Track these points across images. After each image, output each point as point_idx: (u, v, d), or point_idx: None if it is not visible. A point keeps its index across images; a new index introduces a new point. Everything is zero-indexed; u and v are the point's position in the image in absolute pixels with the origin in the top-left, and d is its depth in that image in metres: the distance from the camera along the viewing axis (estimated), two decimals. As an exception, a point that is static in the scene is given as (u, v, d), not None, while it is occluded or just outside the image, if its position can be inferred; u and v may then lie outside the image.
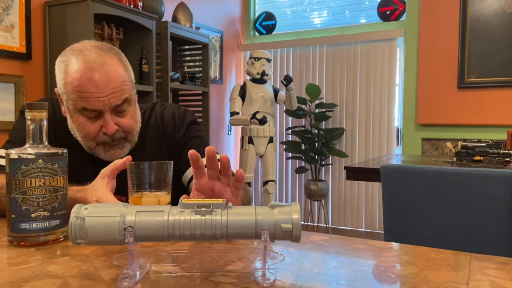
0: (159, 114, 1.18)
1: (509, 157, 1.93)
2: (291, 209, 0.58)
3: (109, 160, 1.05)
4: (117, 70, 1.02)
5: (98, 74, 0.98)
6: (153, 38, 2.78)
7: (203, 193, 0.80)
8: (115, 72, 1.01)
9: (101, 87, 0.98)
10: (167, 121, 1.16)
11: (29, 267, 0.64)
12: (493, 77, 3.34)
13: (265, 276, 0.59)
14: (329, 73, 4.04)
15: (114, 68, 1.01)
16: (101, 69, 0.99)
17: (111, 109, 1.01)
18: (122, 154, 1.06)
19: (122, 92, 1.02)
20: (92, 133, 1.03)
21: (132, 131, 1.07)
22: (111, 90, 0.99)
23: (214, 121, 4.04)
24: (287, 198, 4.31)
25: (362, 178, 2.12)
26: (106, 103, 0.99)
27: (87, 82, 0.97)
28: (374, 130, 3.88)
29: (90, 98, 0.98)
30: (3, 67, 2.28)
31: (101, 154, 1.06)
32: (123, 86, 1.02)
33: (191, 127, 1.17)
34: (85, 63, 0.98)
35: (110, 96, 0.99)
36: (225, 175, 0.78)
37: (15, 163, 0.73)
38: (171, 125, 1.16)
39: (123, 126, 1.04)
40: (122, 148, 1.07)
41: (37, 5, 2.43)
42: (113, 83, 1.00)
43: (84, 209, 0.58)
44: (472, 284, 0.59)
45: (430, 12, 3.55)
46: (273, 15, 4.30)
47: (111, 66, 1.01)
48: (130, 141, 1.08)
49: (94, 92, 0.98)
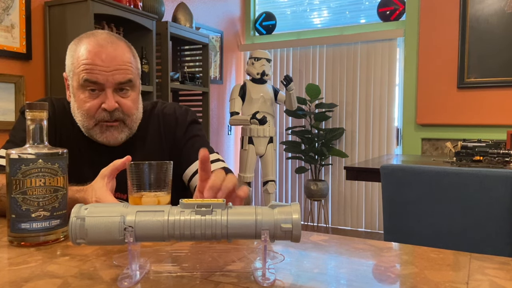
0: (160, 111, 1.19)
1: (509, 157, 1.93)
2: (291, 209, 0.58)
3: (105, 142, 1.07)
4: (125, 51, 1.06)
5: (106, 50, 1.02)
6: (153, 38, 2.78)
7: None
8: (121, 51, 1.05)
9: (106, 61, 1.01)
10: (168, 119, 1.17)
11: (29, 267, 0.64)
12: (493, 77, 3.34)
13: (265, 276, 0.59)
14: (329, 73, 4.04)
15: (122, 48, 1.05)
16: (109, 46, 1.03)
17: (114, 86, 1.03)
18: (119, 138, 1.07)
19: (127, 72, 1.04)
20: (92, 109, 1.03)
21: (132, 116, 1.08)
22: (116, 66, 1.02)
23: (214, 121, 4.04)
24: (287, 198, 4.31)
25: (362, 178, 2.12)
26: (110, 78, 1.02)
27: (94, 56, 1.01)
28: (374, 130, 3.88)
29: (94, 70, 1.01)
30: (3, 67, 2.28)
31: (98, 135, 1.06)
32: (128, 66, 1.05)
33: (192, 126, 1.18)
34: (95, 40, 1.03)
35: (114, 72, 1.02)
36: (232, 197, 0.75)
37: (15, 163, 0.73)
38: (172, 124, 1.16)
39: (123, 106, 1.05)
40: (120, 132, 1.07)
41: (37, 5, 2.43)
42: (119, 60, 1.03)
43: (84, 209, 0.58)
44: (472, 284, 0.59)
45: (430, 12, 3.55)
46: (273, 15, 4.30)
47: (119, 46, 1.05)
48: (129, 127, 1.09)
49: (99, 65, 1.01)
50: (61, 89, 2.39)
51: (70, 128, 1.11)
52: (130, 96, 1.07)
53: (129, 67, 1.05)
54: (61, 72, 1.13)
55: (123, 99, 1.05)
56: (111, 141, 1.07)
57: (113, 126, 1.06)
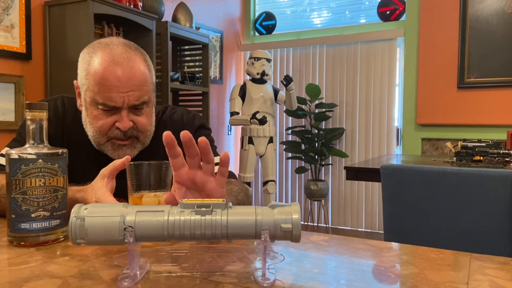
0: (168, 118, 1.18)
1: (509, 157, 1.93)
2: (291, 209, 0.58)
3: (117, 159, 1.04)
4: (141, 68, 1.01)
5: (122, 68, 0.98)
6: (153, 38, 2.78)
7: (184, 185, 0.71)
8: (138, 69, 1.01)
9: (123, 81, 0.98)
10: (176, 125, 1.15)
11: (29, 267, 0.64)
12: (493, 77, 3.34)
13: (265, 276, 0.59)
14: (329, 73, 4.04)
15: (139, 65, 1.01)
16: (125, 64, 0.98)
17: (129, 107, 1.01)
18: (132, 155, 1.04)
19: (142, 92, 1.01)
20: (105, 127, 1.01)
21: (146, 132, 1.06)
22: (132, 87, 0.99)
23: (214, 121, 4.04)
24: (287, 198, 4.31)
25: (362, 178, 2.12)
26: (125, 99, 0.99)
27: (110, 75, 0.97)
28: (374, 130, 3.88)
29: (111, 92, 0.97)
30: (3, 67, 2.28)
31: (109, 151, 1.04)
32: (144, 85, 1.01)
33: (199, 131, 1.16)
34: (111, 56, 0.98)
35: (130, 94, 0.99)
36: (206, 162, 0.69)
37: (15, 163, 0.73)
38: (178, 129, 1.15)
39: (138, 124, 1.03)
40: (133, 149, 1.05)
41: (37, 5, 2.43)
42: (135, 80, 0.99)
43: (84, 209, 0.58)
44: (472, 284, 0.59)
45: (430, 12, 3.55)
46: (273, 15, 4.30)
47: (136, 62, 1.01)
48: (142, 143, 1.07)
49: (115, 86, 0.97)
50: (61, 89, 2.39)
51: (79, 130, 1.08)
52: (145, 113, 1.05)
53: (145, 86, 1.02)
54: (61, 72, 1.12)
55: (138, 117, 1.03)
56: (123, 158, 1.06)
57: (126, 145, 1.04)
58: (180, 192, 0.72)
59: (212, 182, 0.70)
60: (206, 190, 0.71)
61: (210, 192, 0.71)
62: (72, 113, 1.12)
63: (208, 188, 0.70)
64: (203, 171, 0.70)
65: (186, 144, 0.67)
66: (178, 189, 0.72)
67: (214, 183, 0.70)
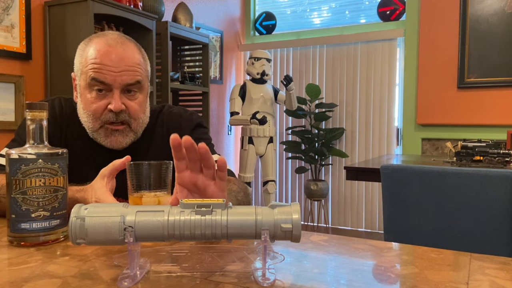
0: (166, 115, 1.19)
1: (509, 157, 1.93)
2: (291, 209, 0.58)
3: (109, 146, 1.06)
4: (134, 52, 1.05)
5: (115, 50, 1.02)
6: (153, 38, 2.78)
7: (186, 188, 0.72)
8: (131, 52, 1.04)
9: (115, 61, 1.01)
10: (173, 123, 1.16)
11: (29, 267, 0.64)
12: (493, 77, 3.34)
13: (265, 276, 0.59)
14: (329, 73, 4.04)
15: (132, 50, 1.05)
16: (119, 47, 1.03)
17: (122, 87, 1.02)
18: (123, 143, 1.06)
19: (135, 73, 1.03)
20: (98, 110, 1.03)
21: (138, 119, 1.07)
22: (124, 67, 1.01)
23: (214, 121, 4.04)
24: (287, 198, 4.31)
25: (362, 178, 2.12)
26: (118, 79, 1.01)
27: (103, 55, 1.00)
28: (374, 130, 3.88)
29: (102, 69, 1.00)
30: (3, 67, 2.28)
31: (102, 138, 1.06)
32: (137, 67, 1.04)
33: (197, 129, 1.18)
34: (105, 40, 1.03)
35: (123, 73, 1.01)
36: (207, 167, 0.70)
37: (15, 163, 0.73)
38: (176, 127, 1.15)
39: (130, 109, 1.05)
40: (125, 137, 1.06)
41: (37, 5, 2.43)
42: (128, 61, 1.02)
43: (84, 209, 0.58)
44: (472, 284, 0.59)
45: (430, 12, 3.55)
46: (273, 15, 4.30)
47: (129, 46, 1.05)
48: (134, 131, 1.08)
49: (108, 64, 1.00)
50: (61, 89, 2.39)
51: (77, 130, 1.10)
52: (138, 99, 1.06)
53: (138, 69, 1.04)
54: (61, 72, 1.13)
55: (130, 101, 1.05)
56: (115, 145, 1.06)
57: (118, 130, 1.05)
58: (182, 194, 0.72)
59: (212, 186, 0.72)
60: (208, 194, 0.71)
61: (211, 196, 0.71)
62: (69, 114, 1.13)
63: (209, 192, 0.71)
64: (204, 175, 0.71)
65: (188, 149, 0.68)
66: (180, 192, 0.73)
67: (214, 188, 0.72)
